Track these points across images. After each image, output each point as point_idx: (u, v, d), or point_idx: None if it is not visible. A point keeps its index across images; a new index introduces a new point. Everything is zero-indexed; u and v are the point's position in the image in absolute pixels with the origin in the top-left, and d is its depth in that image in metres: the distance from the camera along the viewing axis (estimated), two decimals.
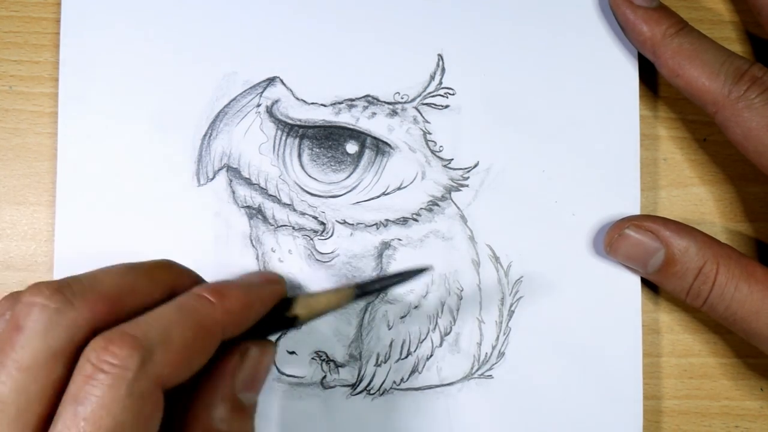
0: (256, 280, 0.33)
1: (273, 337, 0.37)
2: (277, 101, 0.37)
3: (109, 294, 0.29)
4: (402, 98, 0.37)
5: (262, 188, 0.37)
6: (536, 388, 0.37)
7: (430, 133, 0.37)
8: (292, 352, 0.37)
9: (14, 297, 0.29)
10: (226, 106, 0.37)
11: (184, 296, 0.30)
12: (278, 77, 0.37)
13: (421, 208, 0.37)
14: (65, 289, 0.28)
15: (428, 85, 0.38)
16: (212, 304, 0.29)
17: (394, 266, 0.37)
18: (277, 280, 0.34)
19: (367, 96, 0.37)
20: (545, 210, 0.37)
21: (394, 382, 0.37)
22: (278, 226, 0.37)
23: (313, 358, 0.37)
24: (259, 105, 0.37)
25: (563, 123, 0.38)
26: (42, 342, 0.27)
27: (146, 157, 0.37)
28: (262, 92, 0.37)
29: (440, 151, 0.37)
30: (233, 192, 0.37)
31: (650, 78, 0.39)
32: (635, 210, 0.37)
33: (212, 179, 0.37)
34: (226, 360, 0.31)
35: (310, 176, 0.37)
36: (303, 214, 0.37)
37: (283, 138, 0.37)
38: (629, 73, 0.38)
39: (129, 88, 0.37)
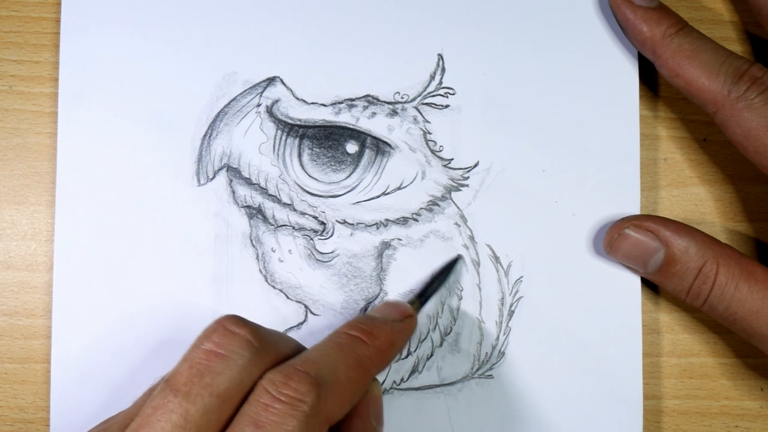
0: (397, 316, 0.34)
1: None
2: (277, 101, 0.37)
3: (287, 355, 0.31)
4: (402, 98, 0.37)
5: (262, 188, 0.37)
6: (536, 388, 0.37)
7: (430, 133, 0.37)
8: None
9: (219, 324, 0.30)
10: (226, 106, 0.37)
11: (338, 336, 0.31)
12: (278, 77, 0.37)
13: (421, 208, 0.37)
14: (264, 335, 0.30)
15: (428, 84, 0.38)
16: (366, 344, 0.31)
17: (394, 266, 0.37)
18: (412, 313, 0.34)
19: (367, 96, 0.37)
20: (545, 210, 0.37)
21: (394, 381, 0.37)
22: (278, 226, 0.37)
23: None
24: (259, 105, 0.37)
25: (563, 123, 0.38)
26: (239, 374, 0.29)
27: (146, 157, 0.37)
28: (262, 92, 0.37)
29: (440, 151, 0.37)
30: (233, 192, 0.37)
31: (650, 78, 0.39)
32: (635, 210, 0.37)
33: (212, 179, 0.37)
34: (361, 398, 0.32)
35: (310, 176, 0.37)
36: (303, 214, 0.37)
37: (283, 138, 0.37)
38: (629, 73, 0.38)
39: (129, 88, 0.37)
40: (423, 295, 0.36)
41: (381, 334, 0.32)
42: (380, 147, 0.37)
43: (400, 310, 0.34)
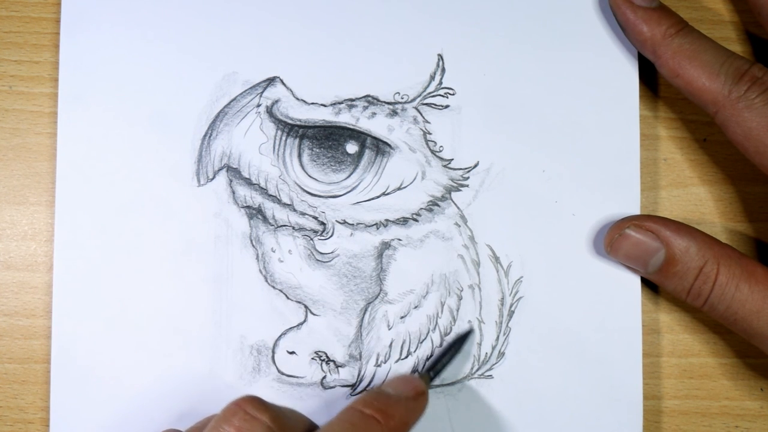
0: (410, 393, 0.33)
1: (271, 341, 0.37)
2: (277, 101, 0.37)
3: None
4: (402, 98, 0.37)
5: (262, 188, 0.37)
6: (536, 388, 0.37)
7: (430, 133, 0.37)
8: (292, 352, 0.37)
9: (240, 407, 0.30)
10: (226, 106, 0.37)
11: (352, 414, 0.31)
12: (278, 77, 0.37)
13: (421, 208, 0.37)
14: (282, 419, 0.30)
15: (428, 85, 0.38)
16: (380, 425, 0.31)
17: (394, 266, 0.37)
18: (425, 390, 0.34)
19: (367, 96, 0.37)
20: (545, 210, 0.37)
21: None
22: (278, 226, 0.37)
23: (313, 358, 0.37)
24: (259, 105, 0.37)
25: (563, 123, 0.38)
26: None
27: (146, 157, 0.37)
28: (262, 92, 0.37)
29: (440, 151, 0.37)
30: (233, 192, 0.37)
31: (650, 78, 0.39)
32: (635, 210, 0.37)
33: (212, 179, 0.37)
34: None
35: (310, 176, 0.37)
36: (303, 214, 0.37)
37: (283, 138, 0.37)
38: (629, 73, 0.38)
39: (129, 88, 0.37)
40: (434, 369, 0.36)
41: (395, 414, 0.32)
42: (380, 147, 0.37)
43: (413, 386, 0.34)
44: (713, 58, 0.35)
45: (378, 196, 0.37)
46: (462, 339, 0.37)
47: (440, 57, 0.38)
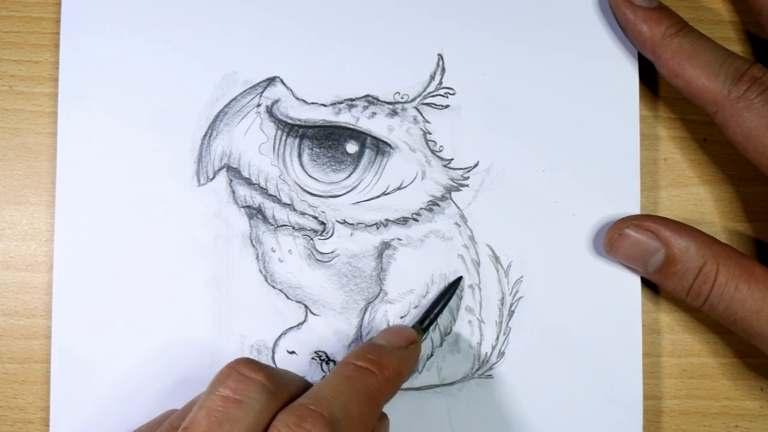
0: (402, 342, 0.33)
1: (271, 341, 0.37)
2: (277, 101, 0.37)
3: (297, 394, 0.31)
4: (402, 98, 0.37)
5: (262, 188, 0.37)
6: (536, 388, 0.37)
7: (430, 133, 0.37)
8: (292, 352, 0.37)
9: (233, 369, 0.30)
10: (226, 106, 0.37)
11: (346, 368, 0.31)
12: (278, 77, 0.37)
13: (421, 208, 0.37)
14: (278, 377, 0.30)
15: (428, 85, 0.38)
16: (375, 376, 0.31)
17: (394, 266, 0.37)
18: (416, 339, 0.34)
19: (367, 96, 0.37)
20: (545, 210, 0.37)
21: None
22: (278, 226, 0.37)
23: (313, 358, 0.37)
24: (259, 105, 0.37)
25: (563, 123, 0.38)
26: (255, 419, 0.29)
27: (146, 157, 0.37)
28: (262, 92, 0.37)
29: (440, 151, 0.37)
30: (233, 192, 0.37)
31: (650, 78, 0.39)
32: (635, 210, 0.37)
33: (212, 179, 0.37)
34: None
35: (310, 176, 0.37)
36: (303, 214, 0.37)
37: (283, 138, 0.37)
38: (629, 73, 0.38)
39: (129, 88, 0.37)
40: (425, 320, 0.36)
41: (389, 364, 0.32)
42: (380, 147, 0.37)
43: (405, 336, 0.34)
44: (713, 58, 0.35)
45: (378, 196, 0.37)
46: (451, 288, 0.37)
47: (440, 57, 0.38)
